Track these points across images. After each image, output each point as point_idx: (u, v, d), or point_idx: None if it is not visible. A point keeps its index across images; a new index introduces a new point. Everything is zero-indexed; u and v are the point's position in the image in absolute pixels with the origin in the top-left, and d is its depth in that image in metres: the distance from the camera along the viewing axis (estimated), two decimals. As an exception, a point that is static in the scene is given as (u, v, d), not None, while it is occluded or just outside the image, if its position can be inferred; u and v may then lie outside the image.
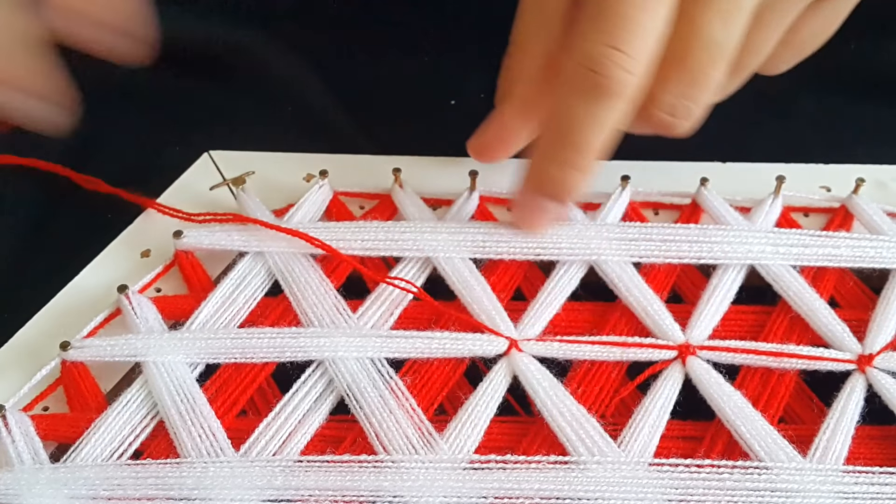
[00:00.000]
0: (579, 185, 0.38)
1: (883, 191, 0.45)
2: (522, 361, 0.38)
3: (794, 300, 0.40)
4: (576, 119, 0.36)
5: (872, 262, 0.41)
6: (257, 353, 0.38)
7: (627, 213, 0.44)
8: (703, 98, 0.37)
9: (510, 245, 0.41)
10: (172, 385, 0.37)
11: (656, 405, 0.36)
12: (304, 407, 0.37)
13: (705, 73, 0.36)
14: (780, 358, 0.38)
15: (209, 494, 0.34)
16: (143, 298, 0.41)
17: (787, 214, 0.44)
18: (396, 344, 0.38)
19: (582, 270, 0.41)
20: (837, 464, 0.35)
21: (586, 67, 0.35)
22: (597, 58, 0.35)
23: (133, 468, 0.35)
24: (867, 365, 0.38)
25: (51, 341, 0.39)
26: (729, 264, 0.41)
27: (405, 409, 0.36)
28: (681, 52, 0.36)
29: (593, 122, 0.36)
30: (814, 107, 0.51)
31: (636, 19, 0.35)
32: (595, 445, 0.35)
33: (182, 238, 0.42)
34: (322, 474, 0.34)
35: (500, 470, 0.34)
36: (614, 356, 0.38)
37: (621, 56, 0.35)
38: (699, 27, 0.36)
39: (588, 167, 0.38)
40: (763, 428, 0.35)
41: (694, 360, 0.38)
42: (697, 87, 0.37)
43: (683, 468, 0.34)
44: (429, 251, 0.41)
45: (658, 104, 0.37)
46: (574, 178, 0.38)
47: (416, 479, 0.34)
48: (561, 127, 0.37)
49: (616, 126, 0.37)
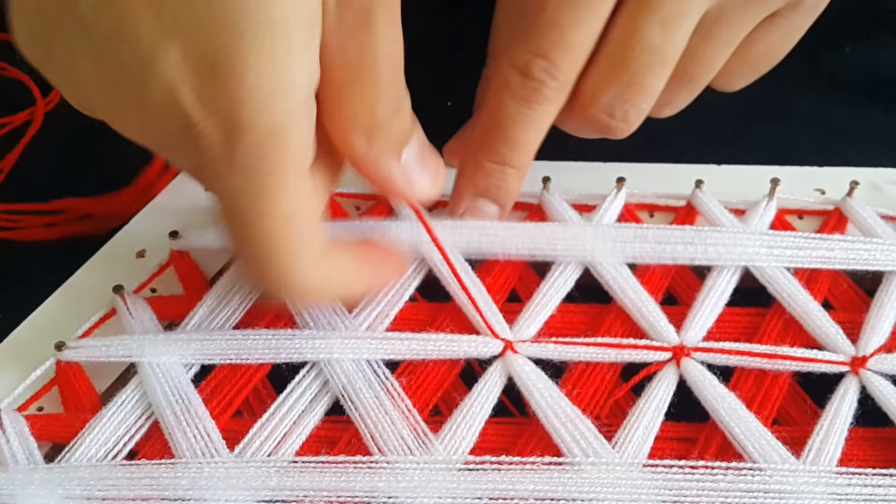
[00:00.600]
0: (513, 183, 0.40)
1: (877, 193, 0.45)
2: (517, 363, 0.38)
3: (789, 302, 0.40)
4: (508, 118, 0.38)
5: (866, 264, 0.41)
6: (252, 354, 0.38)
7: (623, 215, 0.44)
8: (640, 101, 0.38)
9: (505, 244, 0.41)
10: (167, 385, 0.37)
11: (651, 406, 0.36)
12: (300, 407, 0.37)
13: (643, 76, 0.38)
14: (774, 360, 0.38)
15: (204, 495, 0.34)
16: (138, 299, 0.41)
17: (781, 217, 0.44)
18: (392, 346, 0.38)
19: (577, 272, 0.41)
20: (831, 465, 0.35)
21: (518, 72, 0.37)
22: (528, 65, 0.37)
23: (128, 468, 0.35)
24: (861, 367, 0.38)
25: (46, 341, 0.39)
26: (724, 266, 0.41)
27: (400, 409, 0.36)
28: (620, 55, 0.37)
29: (525, 121, 0.38)
30: (808, 109, 0.51)
31: (568, 32, 0.37)
32: (589, 446, 0.35)
33: (177, 238, 0.42)
34: (317, 475, 0.34)
35: (494, 471, 0.34)
36: (609, 357, 0.38)
37: (550, 66, 0.37)
38: (639, 32, 0.37)
39: (521, 165, 0.40)
40: (757, 429, 0.35)
41: (688, 362, 0.38)
42: (635, 90, 0.38)
43: (677, 469, 0.34)
44: (424, 252, 0.41)
45: (596, 104, 0.38)
46: (508, 175, 0.40)
47: (411, 479, 0.34)
48: (494, 124, 0.39)
49: (545, 127, 0.39)
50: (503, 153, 0.40)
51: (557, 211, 0.43)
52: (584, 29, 0.37)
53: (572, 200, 0.44)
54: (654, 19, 0.37)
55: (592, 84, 0.38)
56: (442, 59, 0.53)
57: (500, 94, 0.39)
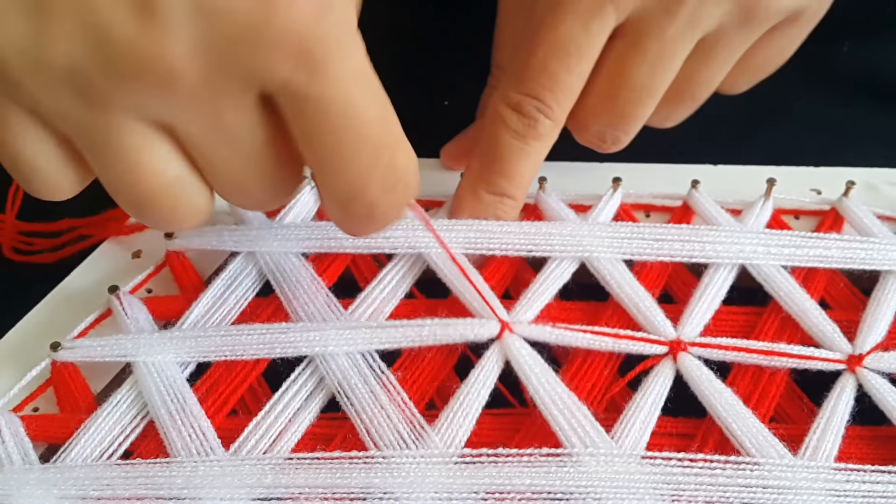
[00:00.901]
0: (510, 212, 0.42)
1: (873, 193, 0.45)
2: (514, 346, 0.37)
3: (785, 300, 0.40)
4: (505, 152, 0.40)
5: (863, 263, 0.41)
6: (247, 349, 0.38)
7: (619, 215, 0.44)
8: (629, 128, 0.41)
9: (502, 242, 0.41)
10: (162, 385, 0.37)
11: (647, 401, 0.36)
12: (295, 405, 0.37)
13: (633, 109, 0.40)
14: (770, 356, 0.38)
15: (199, 494, 0.34)
16: (133, 299, 0.41)
17: (777, 217, 0.44)
18: (387, 334, 0.38)
19: (574, 265, 0.41)
20: (828, 462, 0.35)
21: (512, 109, 0.40)
22: (521, 104, 0.40)
23: (123, 468, 0.35)
24: (857, 365, 0.38)
25: (41, 342, 0.39)
26: (720, 263, 0.41)
27: (396, 403, 0.36)
28: (609, 93, 0.40)
29: (521, 155, 0.40)
30: (805, 110, 0.51)
31: (557, 77, 0.39)
32: (587, 435, 0.35)
33: (173, 238, 0.42)
34: (312, 472, 0.34)
35: (491, 464, 0.34)
36: (606, 346, 0.38)
37: (542, 105, 0.39)
38: (628, 72, 0.39)
39: (517, 196, 0.42)
40: (754, 425, 0.35)
41: (685, 357, 0.38)
42: (625, 121, 0.41)
43: (676, 462, 0.34)
44: (421, 248, 0.41)
45: (588, 131, 0.41)
46: (506, 204, 0.42)
47: (407, 474, 0.34)
48: (491, 158, 0.41)
49: (540, 160, 0.41)
50: (500, 185, 0.41)
51: (554, 210, 0.43)
52: (573, 75, 0.39)
53: (569, 200, 0.44)
54: (643, 61, 0.39)
55: (584, 114, 0.40)
56: (439, 58, 0.53)
57: (497, 129, 0.40)
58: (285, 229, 0.42)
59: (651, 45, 0.38)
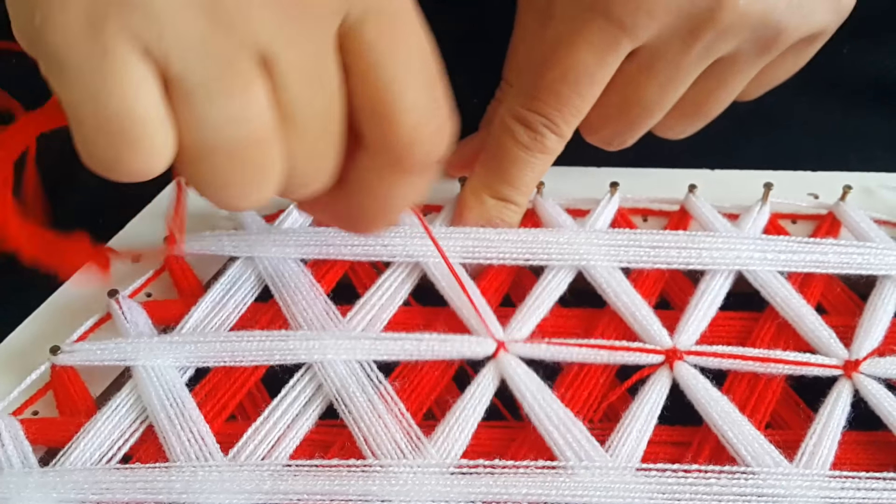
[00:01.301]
0: (513, 217, 0.43)
1: (870, 198, 0.45)
2: (510, 364, 0.38)
3: (782, 306, 0.40)
4: (511, 161, 0.41)
5: (860, 268, 0.41)
6: (246, 356, 0.38)
7: (616, 220, 0.44)
8: (636, 134, 0.42)
9: (499, 251, 0.41)
10: (162, 389, 0.37)
11: (644, 410, 0.36)
12: (293, 411, 0.37)
13: (641, 121, 0.41)
14: (767, 363, 0.38)
15: (198, 499, 0.34)
16: (133, 303, 0.41)
17: (774, 221, 0.44)
18: (385, 346, 0.38)
19: (570, 275, 0.41)
20: (824, 469, 0.35)
21: (521, 124, 0.41)
22: (530, 120, 0.41)
23: (122, 472, 0.35)
24: (854, 371, 0.38)
25: (40, 346, 0.39)
26: (717, 270, 0.41)
27: (394, 413, 0.36)
28: (621, 106, 0.41)
29: (527, 166, 0.41)
30: (802, 114, 0.51)
31: (567, 100, 0.40)
32: (582, 450, 0.35)
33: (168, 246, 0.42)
34: (310, 479, 0.34)
35: (487, 475, 0.34)
36: (602, 359, 0.38)
37: (550, 123, 0.40)
38: (638, 93, 0.40)
39: (521, 202, 0.43)
40: (750, 433, 0.35)
41: (681, 366, 0.38)
42: (633, 130, 0.42)
43: (671, 473, 0.34)
44: (418, 256, 0.41)
45: (596, 135, 0.43)
46: (509, 209, 0.42)
47: (405, 483, 0.34)
48: (497, 166, 0.42)
49: (545, 170, 0.42)
50: (505, 192, 0.42)
51: (551, 215, 0.43)
52: (584, 99, 0.40)
53: (566, 205, 0.44)
54: (654, 83, 0.39)
55: (594, 120, 0.41)
56: (439, 59, 0.53)
57: (504, 139, 0.41)
58: (284, 235, 0.42)
59: (664, 69, 0.39)
